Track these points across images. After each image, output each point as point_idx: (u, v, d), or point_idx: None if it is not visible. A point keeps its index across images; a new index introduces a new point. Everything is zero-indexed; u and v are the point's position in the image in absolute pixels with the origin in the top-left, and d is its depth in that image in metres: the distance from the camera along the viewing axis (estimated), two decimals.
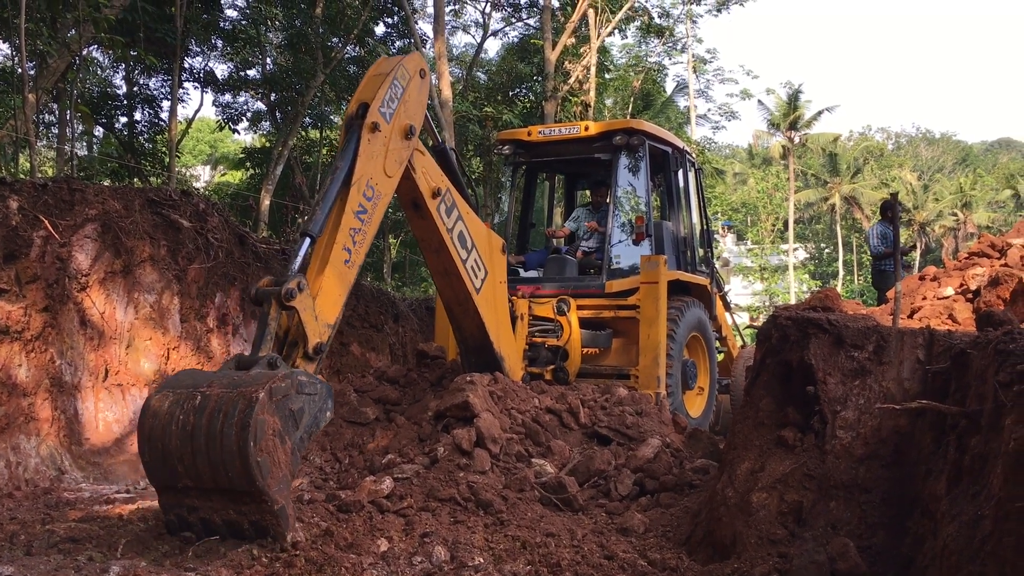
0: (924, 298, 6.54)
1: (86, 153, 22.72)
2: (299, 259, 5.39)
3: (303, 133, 23.91)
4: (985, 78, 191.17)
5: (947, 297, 6.33)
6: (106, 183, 14.54)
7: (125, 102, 20.51)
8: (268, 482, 4.36)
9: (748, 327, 17.95)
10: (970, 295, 6.15)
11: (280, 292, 5.05)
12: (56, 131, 19.43)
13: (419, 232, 7.01)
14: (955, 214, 58.77)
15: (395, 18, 23.81)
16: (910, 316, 6.23)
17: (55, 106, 18.10)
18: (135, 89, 20.71)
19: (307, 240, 5.49)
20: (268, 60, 22.64)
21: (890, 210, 11.72)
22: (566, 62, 22.38)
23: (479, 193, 7.58)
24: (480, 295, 7.33)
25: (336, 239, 5.63)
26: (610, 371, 8.97)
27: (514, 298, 8.27)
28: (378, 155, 6.11)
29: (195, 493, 4.56)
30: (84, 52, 14.93)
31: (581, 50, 22.82)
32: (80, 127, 19.96)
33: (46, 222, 7.25)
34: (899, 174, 59.71)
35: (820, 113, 50.68)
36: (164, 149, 20.25)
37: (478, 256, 7.33)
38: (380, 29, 24.26)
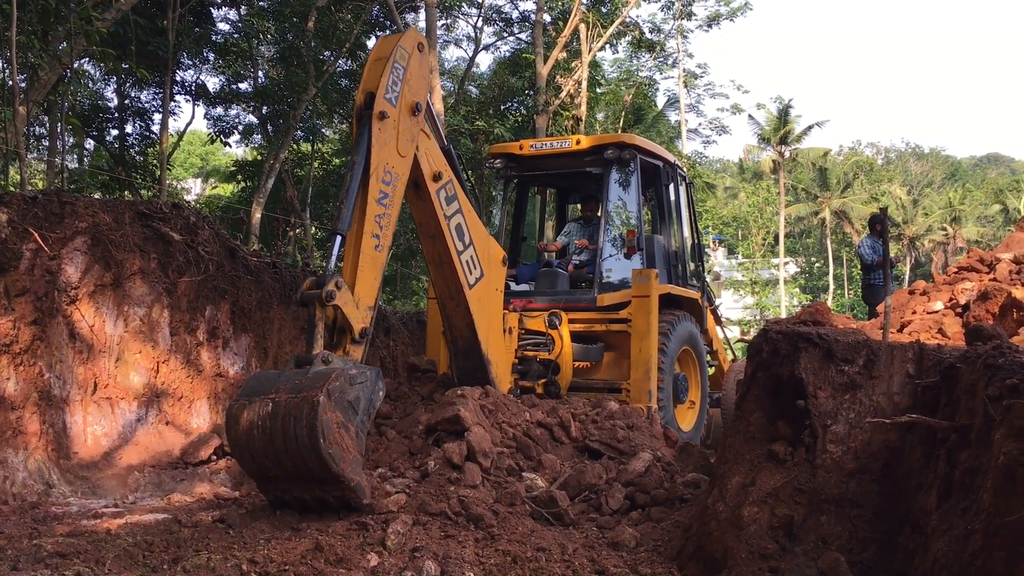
0: (914, 312, 6.56)
1: (77, 166, 22.67)
2: (333, 258, 6.01)
3: (295, 146, 23.89)
4: (974, 94, 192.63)
5: (936, 311, 6.35)
6: (97, 196, 14.50)
7: (116, 115, 20.47)
8: (342, 467, 5.20)
9: (739, 341, 17.96)
10: (959, 309, 6.17)
11: (321, 295, 5.72)
12: (47, 144, 19.38)
13: (418, 215, 7.29)
14: (944, 229, 59.08)
15: (387, 32, 23.87)
16: (900, 330, 6.25)
17: (46, 119, 18.06)
18: (126, 102, 20.67)
19: (338, 238, 6.06)
20: (260, 73, 22.65)
21: (879, 224, 11.76)
22: (557, 76, 22.44)
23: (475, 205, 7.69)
24: (473, 292, 7.48)
25: (364, 230, 6.18)
26: (601, 385, 8.96)
27: (504, 312, 8.28)
28: (390, 140, 6.45)
29: (285, 480, 5.42)
30: (75, 65, 14.92)
31: (572, 64, 22.89)
32: (71, 140, 19.92)
33: (35, 235, 7.22)
34: (889, 189, 60.05)
35: (810, 128, 51.00)
36: (155, 162, 20.21)
37: (475, 255, 7.51)
38: (372, 43, 24.31)
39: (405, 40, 6.70)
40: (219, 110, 23.35)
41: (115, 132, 20.61)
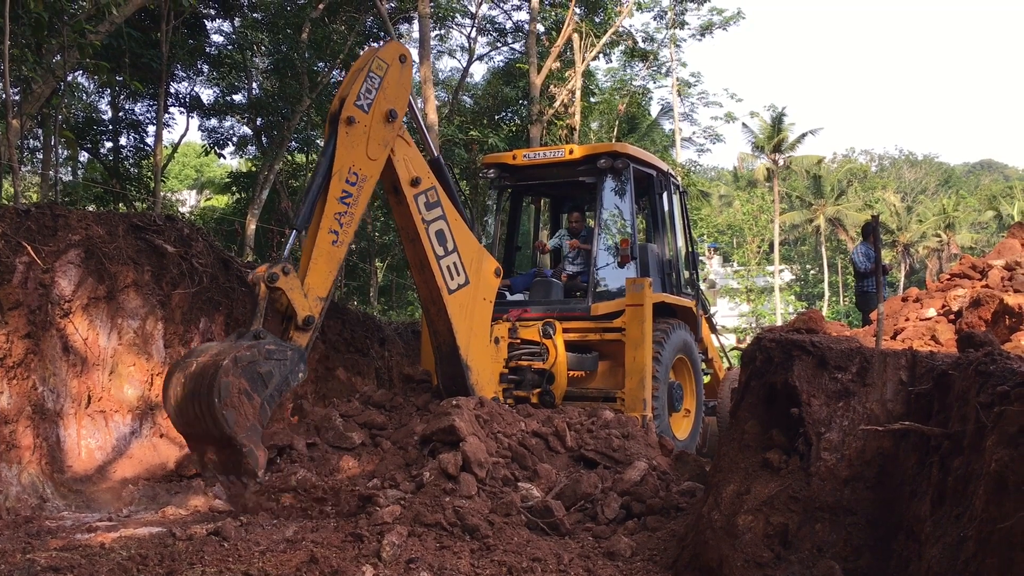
0: (907, 319, 6.59)
1: (71, 179, 22.65)
2: (286, 248, 6.55)
3: (289, 157, 23.92)
4: (967, 101, 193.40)
5: (930, 318, 6.37)
6: (91, 208, 14.49)
7: (110, 127, 20.46)
8: (235, 430, 5.53)
9: (734, 349, 17.97)
10: (952, 316, 6.19)
11: (265, 276, 6.13)
12: (40, 157, 19.37)
13: (398, 219, 7.64)
14: (938, 235, 59.24)
15: (381, 42, 23.91)
16: (893, 337, 6.27)
17: (40, 132, 18.06)
18: (120, 114, 20.66)
19: (293, 233, 6.65)
20: (254, 85, 22.68)
21: (872, 232, 11.80)
22: (551, 86, 22.51)
23: (466, 215, 7.82)
24: (453, 297, 7.65)
25: (322, 225, 6.57)
26: (596, 394, 8.96)
27: (496, 322, 8.30)
28: (359, 143, 6.83)
29: (199, 439, 5.87)
30: (69, 77, 14.93)
31: (566, 74, 22.97)
32: (65, 152, 19.90)
33: (29, 248, 7.22)
34: (883, 196, 60.20)
35: (804, 136, 51.18)
36: (149, 174, 20.18)
37: (459, 262, 7.69)
38: None
39: (384, 51, 7.06)
40: (213, 122, 23.41)
41: (109, 144, 20.60)
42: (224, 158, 26.82)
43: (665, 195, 10.30)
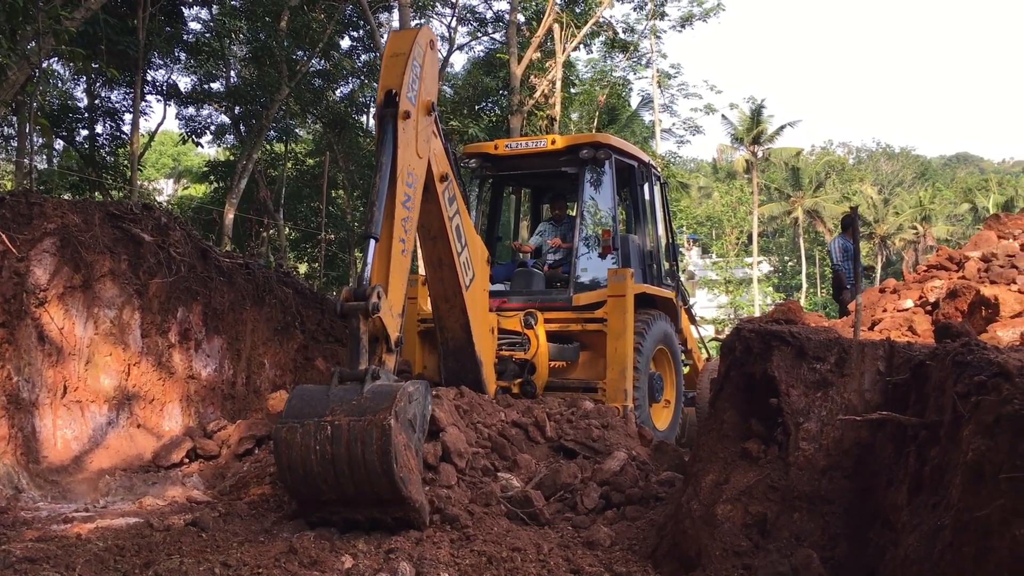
0: (884, 310, 6.64)
1: (46, 167, 22.38)
2: (370, 266, 5.74)
3: (267, 146, 23.74)
4: (943, 94, 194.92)
5: (907, 309, 6.42)
6: (66, 197, 14.32)
7: (86, 115, 20.22)
8: (410, 489, 5.05)
9: (713, 340, 18.03)
10: (929, 307, 6.25)
11: (367, 307, 5.40)
12: (15, 144, 19.12)
13: (423, 216, 6.92)
14: (915, 227, 59.73)
15: (360, 32, 23.79)
16: (871, 328, 6.31)
17: (14, 119, 17.82)
18: (96, 102, 20.42)
19: (372, 243, 5.77)
20: (232, 73, 22.49)
21: (851, 224, 11.87)
22: (532, 76, 22.46)
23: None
24: (468, 293, 7.44)
25: (393, 234, 5.92)
26: (577, 384, 8.97)
27: None
28: (411, 141, 6.26)
29: (340, 503, 5.15)
30: (44, 64, 14.72)
31: (547, 64, 22.93)
32: (40, 140, 19.65)
33: (3, 236, 7.12)
34: (860, 188, 60.63)
35: (783, 128, 51.45)
36: (126, 162, 19.99)
37: (469, 256, 7.47)
38: (345, 43, 24.24)
39: (421, 36, 6.52)
40: (191, 110, 23.21)
41: (85, 132, 20.37)
42: (202, 147, 26.57)
43: (646, 186, 10.31)
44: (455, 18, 26.22)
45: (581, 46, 24.83)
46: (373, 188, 5.98)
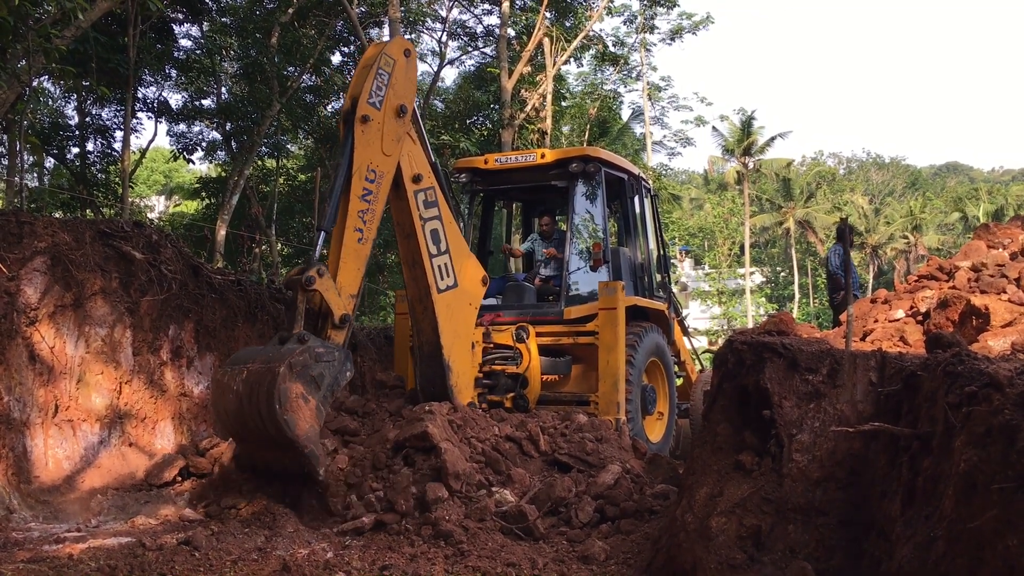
0: (876, 321, 6.64)
1: (37, 185, 22.33)
2: (316, 250, 6.82)
3: (259, 162, 23.75)
4: (933, 104, 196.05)
5: (898, 320, 6.42)
6: (57, 215, 14.30)
7: (77, 133, 20.17)
8: (296, 433, 5.74)
9: (706, 351, 18.06)
10: (920, 317, 6.25)
11: (302, 280, 6.36)
12: (6, 163, 19.06)
13: (396, 214, 7.74)
14: (906, 237, 59.98)
15: (351, 47, 23.83)
16: (863, 339, 6.31)
17: (5, 137, 17.77)
18: (87, 119, 20.39)
19: (321, 234, 6.82)
20: (223, 89, 22.49)
21: (845, 234, 11.89)
22: (522, 90, 22.53)
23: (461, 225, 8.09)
24: (441, 296, 7.74)
25: (347, 224, 6.80)
26: (570, 398, 8.96)
27: None
28: (374, 141, 7.02)
29: (253, 443, 6.13)
30: (35, 82, 14.72)
31: (537, 78, 22.99)
32: (30, 158, 19.62)
33: None
34: (851, 198, 60.90)
35: (773, 139, 51.58)
36: (117, 180, 19.92)
37: (450, 263, 7.82)
38: (336, 58, 24.28)
39: (390, 47, 7.20)
40: (182, 127, 23.21)
41: (76, 150, 20.31)
42: (193, 163, 26.56)
43: (636, 199, 10.33)
44: (445, 33, 26.33)
45: (571, 59, 24.96)
46: (329, 186, 6.96)
